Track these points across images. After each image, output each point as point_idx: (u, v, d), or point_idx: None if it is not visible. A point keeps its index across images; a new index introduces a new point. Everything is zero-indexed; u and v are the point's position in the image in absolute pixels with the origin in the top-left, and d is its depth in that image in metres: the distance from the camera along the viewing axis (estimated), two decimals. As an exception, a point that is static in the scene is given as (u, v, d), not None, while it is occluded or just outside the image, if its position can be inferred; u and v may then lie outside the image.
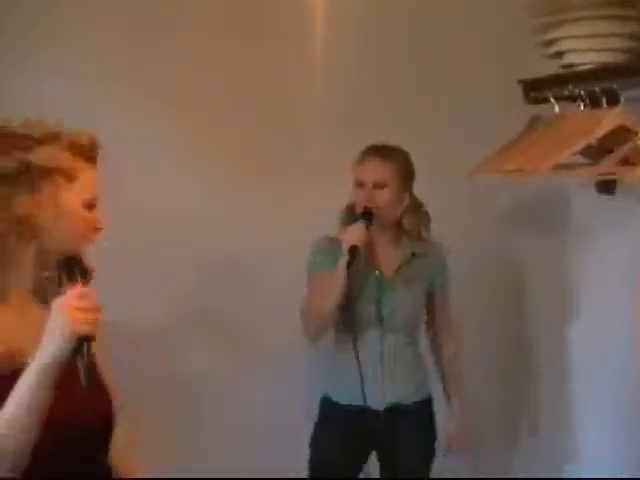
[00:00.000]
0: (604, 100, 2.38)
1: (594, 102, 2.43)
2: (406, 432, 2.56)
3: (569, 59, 2.51)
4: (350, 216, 2.57)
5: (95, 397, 1.53)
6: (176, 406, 2.76)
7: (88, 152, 1.57)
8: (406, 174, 2.55)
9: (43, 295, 1.55)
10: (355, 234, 2.43)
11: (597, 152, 2.48)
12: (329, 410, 2.60)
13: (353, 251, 2.40)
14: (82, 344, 1.39)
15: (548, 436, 3.01)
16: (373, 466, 2.62)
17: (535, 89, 2.60)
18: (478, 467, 2.85)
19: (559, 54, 2.54)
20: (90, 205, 1.56)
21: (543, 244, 3.00)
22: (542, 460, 2.98)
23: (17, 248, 1.51)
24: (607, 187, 2.66)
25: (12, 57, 2.54)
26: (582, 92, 2.43)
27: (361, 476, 2.63)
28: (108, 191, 1.57)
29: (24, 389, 1.40)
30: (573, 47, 2.47)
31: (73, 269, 1.48)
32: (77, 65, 2.57)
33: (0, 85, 2.49)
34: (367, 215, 2.48)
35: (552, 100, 2.53)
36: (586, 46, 2.44)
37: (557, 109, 2.54)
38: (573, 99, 2.50)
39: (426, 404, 2.64)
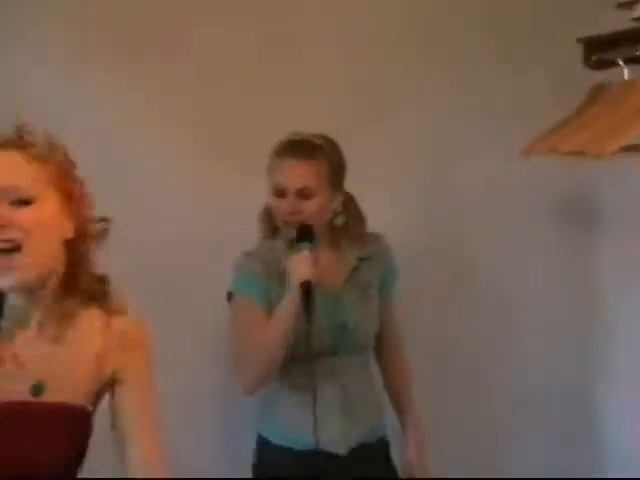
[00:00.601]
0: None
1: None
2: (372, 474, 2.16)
3: (643, 11, 2.10)
4: (269, 226, 2.19)
5: None
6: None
7: None
8: (337, 170, 2.13)
9: None
10: (303, 268, 2.00)
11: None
12: (272, 455, 2.16)
13: (306, 288, 1.97)
14: None
15: (549, 436, 2.91)
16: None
17: (599, 50, 2.18)
18: (478, 467, 2.70)
19: (630, 4, 2.09)
20: None
21: (568, 241, 2.85)
22: (543, 460, 2.89)
23: None
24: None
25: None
26: (661, 52, 2.04)
27: None
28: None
29: None
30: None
31: None
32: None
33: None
34: (306, 235, 2.06)
35: (621, 63, 2.12)
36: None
37: (627, 74, 2.13)
38: (648, 62, 2.10)
39: (385, 439, 2.26)
